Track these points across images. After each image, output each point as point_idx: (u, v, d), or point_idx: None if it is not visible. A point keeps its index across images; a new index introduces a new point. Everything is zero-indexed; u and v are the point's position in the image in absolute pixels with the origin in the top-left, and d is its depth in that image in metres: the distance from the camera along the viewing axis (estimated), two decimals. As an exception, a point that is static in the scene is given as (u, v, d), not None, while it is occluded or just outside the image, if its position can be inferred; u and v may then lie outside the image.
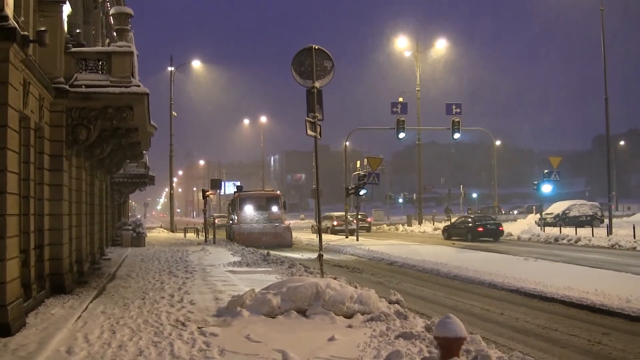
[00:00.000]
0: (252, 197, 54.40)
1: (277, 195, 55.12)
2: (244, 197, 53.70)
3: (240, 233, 49.45)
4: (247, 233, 49.20)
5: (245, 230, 49.67)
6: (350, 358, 10.92)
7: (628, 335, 14.81)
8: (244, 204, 52.56)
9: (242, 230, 49.81)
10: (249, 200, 53.10)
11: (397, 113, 56.93)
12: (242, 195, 53.92)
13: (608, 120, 49.91)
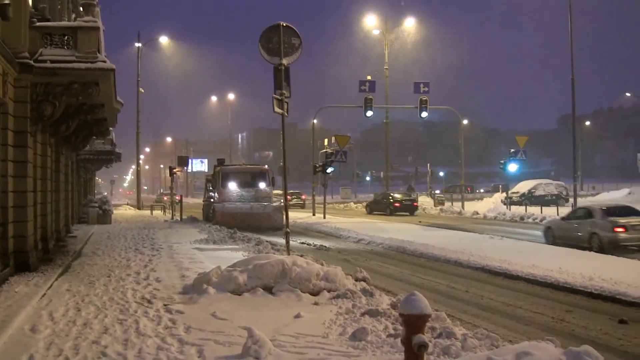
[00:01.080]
0: (236, 172, 47.49)
1: (264, 170, 48.28)
2: (227, 172, 46.62)
3: (223, 213, 42.27)
4: (231, 213, 41.85)
5: (229, 210, 42.38)
6: (316, 335, 10.94)
7: (590, 312, 15.00)
8: (227, 179, 45.67)
9: (225, 210, 42.61)
10: (233, 176, 46.27)
11: (365, 91, 56.82)
12: (225, 170, 46.86)
13: (574, 100, 50.14)
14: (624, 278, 17.93)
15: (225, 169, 47.46)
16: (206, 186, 55.39)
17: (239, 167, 51.37)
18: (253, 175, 47.30)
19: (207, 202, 52.07)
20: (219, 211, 43.32)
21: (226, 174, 46.36)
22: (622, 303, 15.84)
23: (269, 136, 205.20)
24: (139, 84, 70.81)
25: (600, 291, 16.79)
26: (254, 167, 52.16)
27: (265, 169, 48.69)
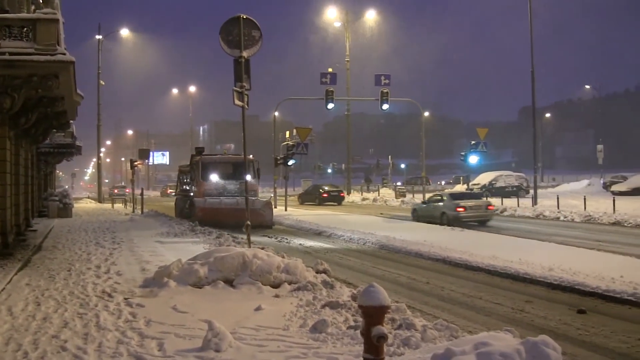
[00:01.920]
0: (218, 162, 42.68)
1: (249, 160, 40.71)
2: (207, 162, 41.54)
3: (205, 209, 37.20)
4: (213, 209, 37.17)
5: (211, 206, 37.57)
6: (277, 327, 10.96)
7: (549, 303, 15.13)
8: (207, 170, 40.68)
9: (207, 205, 37.49)
10: (215, 166, 41.57)
11: (327, 84, 56.87)
12: (206, 160, 41.76)
13: (534, 92, 50.64)
14: (583, 268, 18.11)
15: (206, 158, 42.06)
16: (180, 178, 49.24)
17: (222, 156, 45.57)
18: (237, 166, 41.57)
19: (181, 196, 46.54)
20: (199, 207, 37.58)
21: (207, 164, 41.14)
22: (581, 293, 15.98)
23: (231, 128, 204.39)
24: (99, 77, 70.34)
25: (560, 282, 16.93)
26: (237, 156, 44.42)
27: (250, 159, 41.03)
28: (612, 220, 36.48)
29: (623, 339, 11.84)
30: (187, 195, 43.67)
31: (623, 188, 66.30)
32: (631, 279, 16.34)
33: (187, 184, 45.23)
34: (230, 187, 40.00)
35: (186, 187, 45.33)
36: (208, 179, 40.38)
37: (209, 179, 40.34)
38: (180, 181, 49.34)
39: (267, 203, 38.49)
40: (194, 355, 9.25)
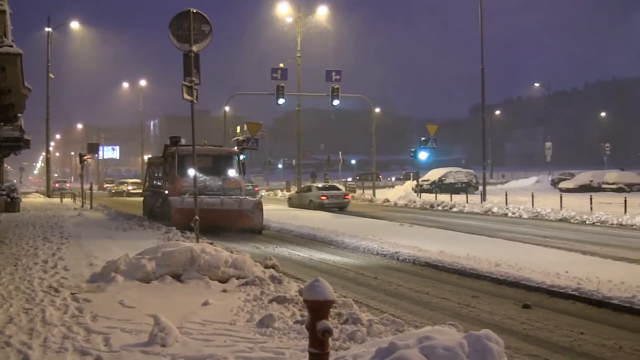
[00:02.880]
0: (197, 154, 31.43)
1: (233, 153, 37.40)
2: (185, 154, 34.13)
3: (182, 210, 30.09)
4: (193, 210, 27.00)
5: (190, 206, 27.99)
6: (224, 322, 10.97)
7: (496, 298, 15.30)
8: (185, 164, 33.80)
9: (185, 205, 30.05)
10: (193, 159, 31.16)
11: (278, 79, 56.86)
12: (183, 152, 34.59)
13: (484, 89, 51.11)
14: (529, 263, 18.35)
15: (183, 150, 34.83)
16: (148, 172, 42.88)
17: (201, 147, 36.44)
18: (219, 159, 36.50)
19: (151, 192, 40.16)
20: (175, 207, 30.80)
21: (184, 156, 34.08)
22: (527, 288, 16.17)
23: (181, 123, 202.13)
24: (48, 70, 69.53)
25: (506, 277, 17.12)
26: (220, 148, 39.59)
27: (234, 151, 37.75)
28: (559, 217, 36.94)
29: (566, 333, 12.02)
30: (158, 192, 37.53)
31: (570, 185, 67.27)
32: (576, 275, 16.58)
33: (158, 179, 39.56)
34: (212, 183, 33.96)
35: (157, 183, 39.61)
36: (185, 174, 33.29)
37: (186, 173, 33.26)
38: (149, 175, 42.28)
39: (257, 203, 31.94)
40: (140, 350, 9.23)
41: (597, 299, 14.44)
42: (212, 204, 30.65)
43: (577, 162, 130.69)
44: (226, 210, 30.79)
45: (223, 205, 30.84)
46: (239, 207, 31.17)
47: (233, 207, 31.13)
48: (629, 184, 65.48)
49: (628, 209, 36.58)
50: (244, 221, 31.02)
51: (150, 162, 44.18)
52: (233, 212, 31.01)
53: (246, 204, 31.61)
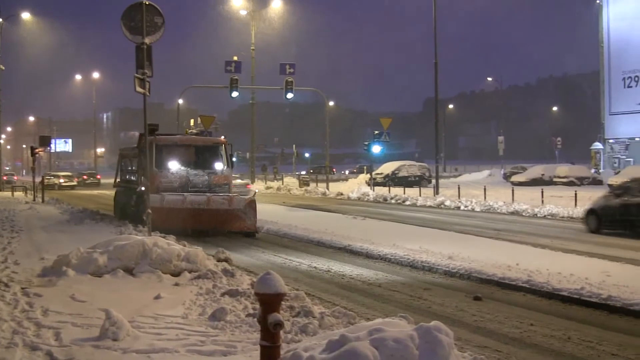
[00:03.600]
0: (179, 144, 31.09)
1: (220, 143, 31.60)
2: (164, 144, 29.83)
3: (161, 210, 25.26)
4: (175, 210, 26.27)
5: (171, 205, 26.39)
6: (176, 316, 10.96)
7: (447, 290, 15.46)
8: (164, 156, 29.35)
9: (165, 204, 26.13)
10: (175, 151, 30.32)
11: (231, 72, 56.82)
12: (162, 142, 29.85)
13: (437, 83, 51.44)
14: (481, 256, 18.54)
15: (163, 139, 30.13)
16: (120, 164, 36.35)
17: (183, 137, 33.95)
18: (204, 151, 31.08)
19: (124, 188, 34.16)
20: (155, 206, 24.23)
21: (163, 147, 29.52)
22: (478, 280, 16.35)
23: (135, 116, 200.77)
24: (-1, 61, 68.72)
25: (458, 269, 17.28)
26: (205, 138, 35.05)
27: (221, 141, 32.10)
28: (510, 210, 37.23)
29: (516, 324, 12.20)
30: (132, 188, 31.69)
31: (522, 178, 67.91)
32: (526, 267, 16.80)
33: (132, 174, 33.99)
34: (196, 178, 29.11)
35: (131, 178, 33.67)
36: (165, 167, 29.01)
37: (166, 167, 29.05)
38: (120, 168, 36.04)
39: (250, 202, 27.51)
40: (91, 345, 9.19)
41: (547, 290, 14.65)
42: (197, 202, 26.68)
43: (529, 156, 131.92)
44: (214, 211, 26.83)
45: (210, 205, 26.77)
46: (230, 206, 26.99)
47: (222, 206, 27.05)
48: (580, 178, 66.21)
49: (578, 202, 37.00)
50: (235, 223, 27.01)
51: (122, 154, 37.07)
52: (222, 213, 26.97)
53: (238, 202, 27.26)
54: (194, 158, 30.41)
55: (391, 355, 6.90)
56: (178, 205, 26.37)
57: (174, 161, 29.54)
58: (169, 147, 29.80)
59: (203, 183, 29.04)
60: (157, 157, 28.80)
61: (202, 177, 29.18)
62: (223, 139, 32.61)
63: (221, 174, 29.89)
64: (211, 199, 26.99)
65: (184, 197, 26.81)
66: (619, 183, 38.11)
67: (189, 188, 28.30)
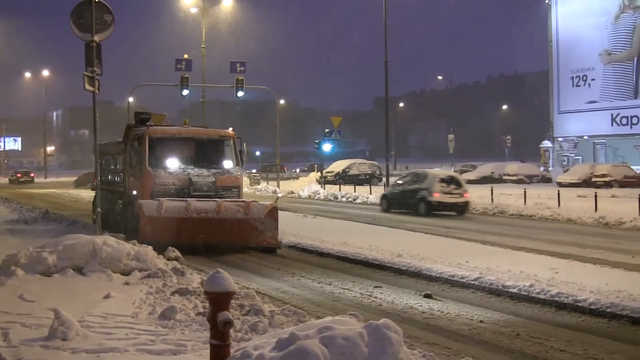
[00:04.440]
0: (177, 138, 25.44)
1: (227, 137, 26.12)
2: (159, 137, 24.56)
3: (159, 220, 21.04)
4: (176, 219, 21.20)
5: (171, 213, 21.27)
6: (125, 315, 10.91)
7: (398, 288, 15.54)
8: (159, 152, 24.20)
9: (164, 213, 21.12)
10: (172, 145, 24.97)
11: (182, 70, 56.51)
12: (156, 134, 24.51)
13: (387, 82, 51.70)
14: (431, 254, 18.69)
15: (158, 131, 24.87)
16: (101, 162, 26.88)
17: (182, 129, 26.66)
18: (207, 145, 25.67)
19: (105, 192, 26.01)
20: (149, 214, 21.02)
21: (158, 140, 24.29)
22: (428, 278, 16.47)
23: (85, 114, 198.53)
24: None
25: (408, 267, 17.37)
26: (209, 130, 28.34)
27: (229, 134, 26.40)
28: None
29: (466, 321, 12.33)
30: (116, 191, 27.04)
31: (472, 177, 68.46)
32: (476, 264, 17.01)
33: (116, 174, 28.53)
34: (200, 180, 23.73)
35: (115, 179, 28.38)
36: (160, 166, 23.82)
37: (163, 165, 23.91)
38: (99, 167, 24.91)
39: (272, 209, 22.16)
40: (40, 345, 9.11)
41: (497, 288, 14.81)
42: (205, 210, 21.36)
43: (480, 154, 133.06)
44: (226, 221, 21.41)
45: (222, 213, 21.42)
46: (246, 215, 21.61)
47: (237, 215, 21.68)
48: (529, 176, 67.11)
49: (527, 199, 37.46)
50: (252, 236, 21.72)
51: (102, 150, 28.28)
52: (236, 223, 21.57)
53: (256, 210, 21.86)
54: (197, 154, 25.21)
55: (340, 353, 6.94)
56: (180, 214, 21.14)
57: (172, 158, 24.21)
58: (165, 141, 24.62)
59: (208, 185, 23.75)
60: (151, 153, 23.68)
61: (207, 178, 23.83)
62: (232, 132, 26.68)
63: (230, 174, 24.54)
64: (223, 205, 21.58)
65: (187, 203, 21.41)
66: (402, 175, 45.37)
67: (191, 192, 23.18)
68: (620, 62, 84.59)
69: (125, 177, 25.75)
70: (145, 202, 21.57)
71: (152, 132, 24.22)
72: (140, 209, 21.30)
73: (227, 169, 24.74)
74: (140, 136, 24.10)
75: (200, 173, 23.86)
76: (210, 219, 21.30)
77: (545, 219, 31.71)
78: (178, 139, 25.36)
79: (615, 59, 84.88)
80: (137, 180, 23.91)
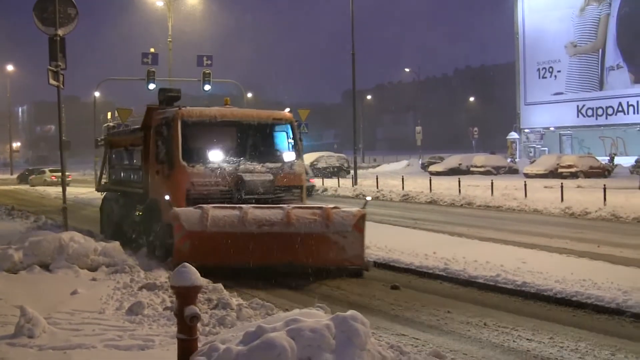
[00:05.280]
0: (221, 122, 18.54)
1: (284, 120, 19.57)
2: (196, 121, 18.01)
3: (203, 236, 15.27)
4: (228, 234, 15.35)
5: (221, 226, 15.43)
6: (93, 311, 10.86)
7: (365, 280, 15.61)
8: (197, 140, 18.27)
9: (209, 222, 15.30)
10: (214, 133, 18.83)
11: (148, 64, 56.19)
12: (192, 117, 17.92)
13: (354, 74, 51.78)
14: (398, 245, 18.75)
15: (194, 114, 18.23)
16: (109, 159, 24.50)
17: (225, 110, 19.37)
18: (260, 132, 19.43)
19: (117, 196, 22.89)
20: (190, 228, 15.41)
21: (196, 125, 18.09)
22: (396, 270, 16.54)
23: (51, 109, 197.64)
24: None
25: (376, 259, 17.36)
26: (262, 112, 20.20)
27: (286, 117, 19.73)
28: (428, 199, 37.63)
29: (433, 312, 12.38)
30: (134, 193, 20.73)
31: (440, 168, 68.83)
32: (443, 255, 17.07)
33: (133, 171, 21.89)
34: (254, 178, 17.46)
35: (131, 177, 21.98)
36: (200, 159, 17.61)
37: (202, 158, 17.71)
38: (111, 165, 24.13)
39: (360, 218, 16.36)
40: (6, 343, 9.04)
41: (464, 278, 14.90)
42: (269, 221, 15.65)
43: (447, 146, 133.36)
44: (298, 236, 15.61)
45: (292, 225, 15.66)
46: (327, 227, 15.82)
47: (314, 227, 15.83)
48: (496, 167, 67.49)
49: (494, 191, 37.67)
50: (330, 254, 15.99)
51: (111, 141, 24.53)
52: (312, 239, 15.74)
53: (340, 220, 16.06)
54: (245, 144, 19.03)
55: (308, 345, 6.96)
56: (234, 228, 15.46)
57: (214, 149, 18.01)
58: (204, 127, 18.35)
59: (265, 186, 17.47)
60: (186, 142, 17.47)
61: (263, 175, 17.61)
62: (287, 114, 20.17)
63: (292, 171, 18.37)
64: (293, 214, 15.83)
65: (242, 211, 15.68)
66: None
67: (242, 194, 17.12)
68: (585, 54, 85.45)
69: (146, 176, 19.40)
70: (184, 211, 15.63)
71: (186, 114, 17.70)
72: (176, 220, 15.42)
73: (288, 163, 18.37)
74: (170, 120, 17.65)
75: (252, 169, 17.68)
76: (277, 233, 15.54)
77: (512, 210, 31.84)
78: (221, 123, 18.54)
79: (580, 50, 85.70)
80: (166, 179, 17.46)
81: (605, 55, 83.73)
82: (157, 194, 17.87)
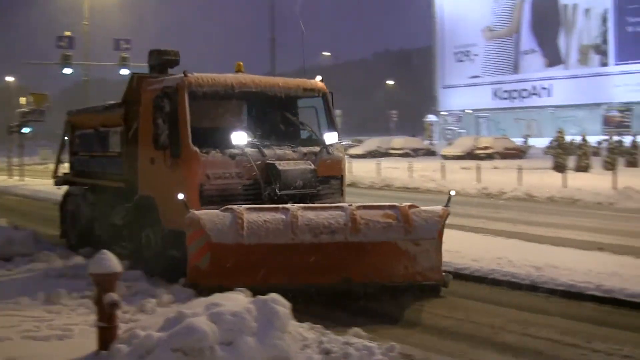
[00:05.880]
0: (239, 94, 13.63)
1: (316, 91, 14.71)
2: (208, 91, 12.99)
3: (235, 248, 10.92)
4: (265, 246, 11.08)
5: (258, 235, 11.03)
6: (8, 302, 10.61)
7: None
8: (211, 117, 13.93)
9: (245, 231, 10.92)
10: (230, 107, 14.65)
11: (64, 47, 55.30)
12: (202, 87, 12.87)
13: (274, 58, 52.12)
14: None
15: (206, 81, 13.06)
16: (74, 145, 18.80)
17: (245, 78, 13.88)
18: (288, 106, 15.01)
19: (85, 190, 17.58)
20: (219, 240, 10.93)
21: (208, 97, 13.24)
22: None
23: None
24: None
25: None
26: (287, 80, 14.69)
27: (318, 87, 14.85)
28: (348, 182, 37.69)
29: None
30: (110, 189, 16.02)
31: (359, 151, 69.31)
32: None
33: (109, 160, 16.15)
34: (291, 168, 12.89)
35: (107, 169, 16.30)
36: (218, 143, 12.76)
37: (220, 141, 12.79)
38: (72, 150, 18.88)
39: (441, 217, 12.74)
40: None
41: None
42: (329, 228, 11.50)
43: (367, 130, 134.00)
44: (367, 246, 11.67)
45: (360, 232, 11.57)
46: (405, 233, 11.86)
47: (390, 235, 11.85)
48: (414, 149, 68.44)
49: (413, 172, 38.03)
50: (402, 268, 11.99)
51: (73, 122, 19.13)
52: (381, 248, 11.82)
53: (424, 224, 12.24)
54: (272, 122, 14.78)
55: (229, 329, 6.97)
56: (280, 237, 11.34)
57: (233, 130, 13.11)
58: (218, 100, 14.03)
59: (306, 178, 13.02)
60: (196, 121, 12.76)
61: (301, 165, 13.16)
62: (321, 82, 15.26)
63: (333, 156, 14.16)
64: (359, 217, 11.70)
65: (290, 214, 11.53)
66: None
67: (276, 190, 12.66)
68: (501, 38, 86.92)
69: (130, 165, 14.59)
70: (208, 216, 11.28)
71: (194, 83, 12.97)
72: (196, 226, 11.24)
73: (326, 147, 13.99)
74: (174, 90, 12.96)
75: (285, 155, 13.29)
76: (338, 244, 11.50)
77: (430, 191, 32.18)
78: (240, 95, 13.88)
79: (496, 35, 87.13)
80: (170, 170, 12.86)
81: (520, 40, 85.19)
82: (152, 190, 13.65)
